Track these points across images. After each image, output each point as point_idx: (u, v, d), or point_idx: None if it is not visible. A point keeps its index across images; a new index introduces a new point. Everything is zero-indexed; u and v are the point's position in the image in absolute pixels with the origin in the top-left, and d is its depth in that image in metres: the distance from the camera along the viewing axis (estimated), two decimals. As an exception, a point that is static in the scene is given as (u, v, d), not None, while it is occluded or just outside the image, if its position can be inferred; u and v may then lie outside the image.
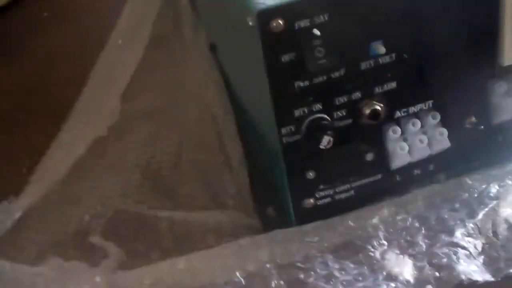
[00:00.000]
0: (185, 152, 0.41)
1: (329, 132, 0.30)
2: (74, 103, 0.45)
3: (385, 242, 0.32)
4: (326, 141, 0.30)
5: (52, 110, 0.48)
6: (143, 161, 0.41)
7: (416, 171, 0.34)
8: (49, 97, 0.53)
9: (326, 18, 0.28)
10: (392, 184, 0.34)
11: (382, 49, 0.29)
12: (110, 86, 0.44)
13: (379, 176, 0.34)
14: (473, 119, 0.33)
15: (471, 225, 0.33)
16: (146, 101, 0.45)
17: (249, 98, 0.36)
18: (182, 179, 0.41)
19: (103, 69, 0.47)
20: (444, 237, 0.32)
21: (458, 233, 0.32)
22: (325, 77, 0.29)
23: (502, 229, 0.33)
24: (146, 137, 0.42)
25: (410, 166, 0.34)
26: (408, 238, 0.32)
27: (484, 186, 0.33)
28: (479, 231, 0.32)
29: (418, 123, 0.32)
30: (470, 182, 0.34)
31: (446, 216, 0.34)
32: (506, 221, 0.33)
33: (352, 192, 0.34)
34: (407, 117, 0.32)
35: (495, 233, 0.32)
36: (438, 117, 0.33)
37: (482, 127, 0.34)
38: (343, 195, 0.33)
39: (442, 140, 0.33)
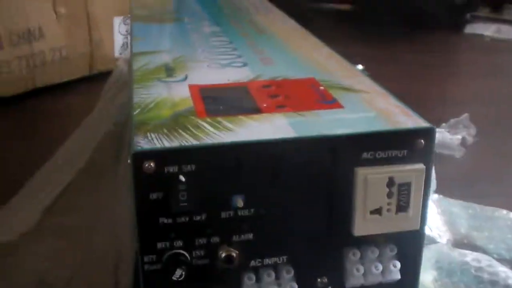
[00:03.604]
0: (83, 272, 0.44)
1: (183, 266, 0.34)
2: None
3: None
4: (178, 274, 0.34)
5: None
6: (39, 273, 0.44)
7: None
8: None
9: (193, 169, 0.33)
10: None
11: (240, 203, 0.34)
12: (35, 198, 0.49)
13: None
14: (325, 280, 0.37)
15: None
16: (67, 219, 0.49)
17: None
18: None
19: (37, 182, 0.52)
20: None
21: None
22: (187, 219, 0.34)
23: None
24: (48, 251, 0.46)
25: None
26: None
27: None
28: None
29: (273, 275, 0.36)
30: None
31: None
32: None
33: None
34: (263, 268, 0.36)
35: None
36: (292, 272, 0.36)
37: (333, 288, 0.37)
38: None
39: (292, 294, 0.37)
